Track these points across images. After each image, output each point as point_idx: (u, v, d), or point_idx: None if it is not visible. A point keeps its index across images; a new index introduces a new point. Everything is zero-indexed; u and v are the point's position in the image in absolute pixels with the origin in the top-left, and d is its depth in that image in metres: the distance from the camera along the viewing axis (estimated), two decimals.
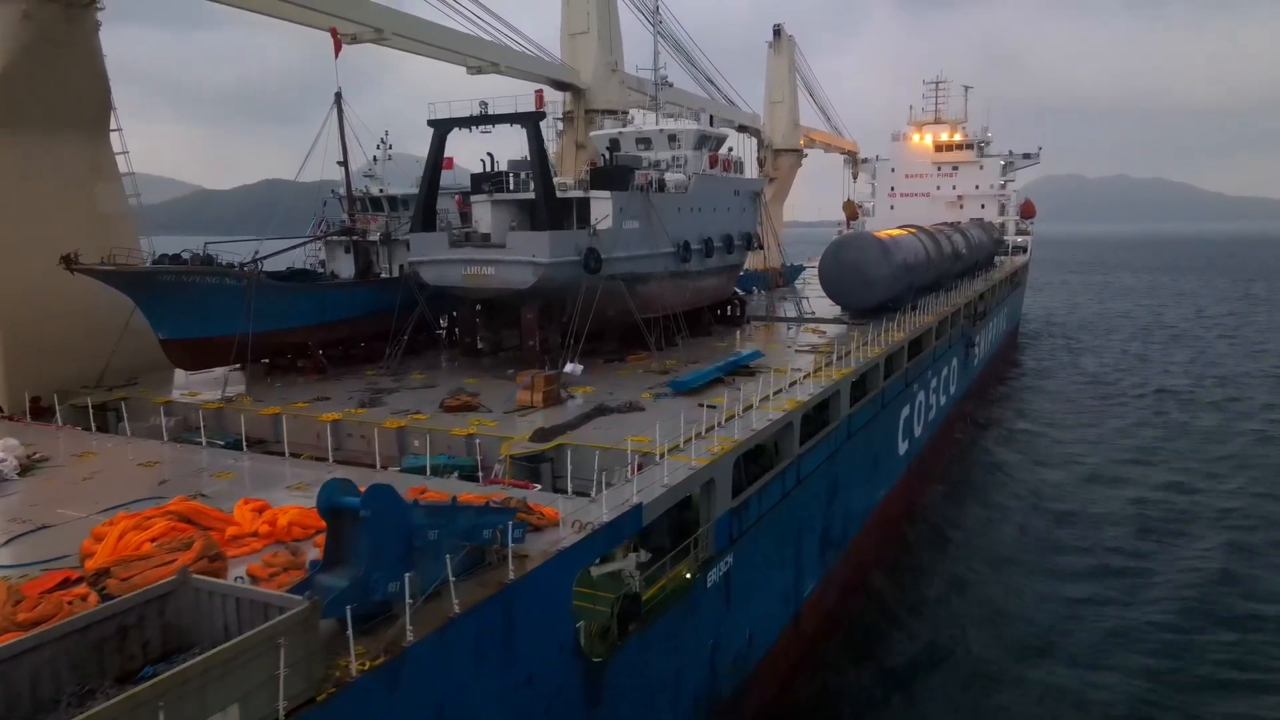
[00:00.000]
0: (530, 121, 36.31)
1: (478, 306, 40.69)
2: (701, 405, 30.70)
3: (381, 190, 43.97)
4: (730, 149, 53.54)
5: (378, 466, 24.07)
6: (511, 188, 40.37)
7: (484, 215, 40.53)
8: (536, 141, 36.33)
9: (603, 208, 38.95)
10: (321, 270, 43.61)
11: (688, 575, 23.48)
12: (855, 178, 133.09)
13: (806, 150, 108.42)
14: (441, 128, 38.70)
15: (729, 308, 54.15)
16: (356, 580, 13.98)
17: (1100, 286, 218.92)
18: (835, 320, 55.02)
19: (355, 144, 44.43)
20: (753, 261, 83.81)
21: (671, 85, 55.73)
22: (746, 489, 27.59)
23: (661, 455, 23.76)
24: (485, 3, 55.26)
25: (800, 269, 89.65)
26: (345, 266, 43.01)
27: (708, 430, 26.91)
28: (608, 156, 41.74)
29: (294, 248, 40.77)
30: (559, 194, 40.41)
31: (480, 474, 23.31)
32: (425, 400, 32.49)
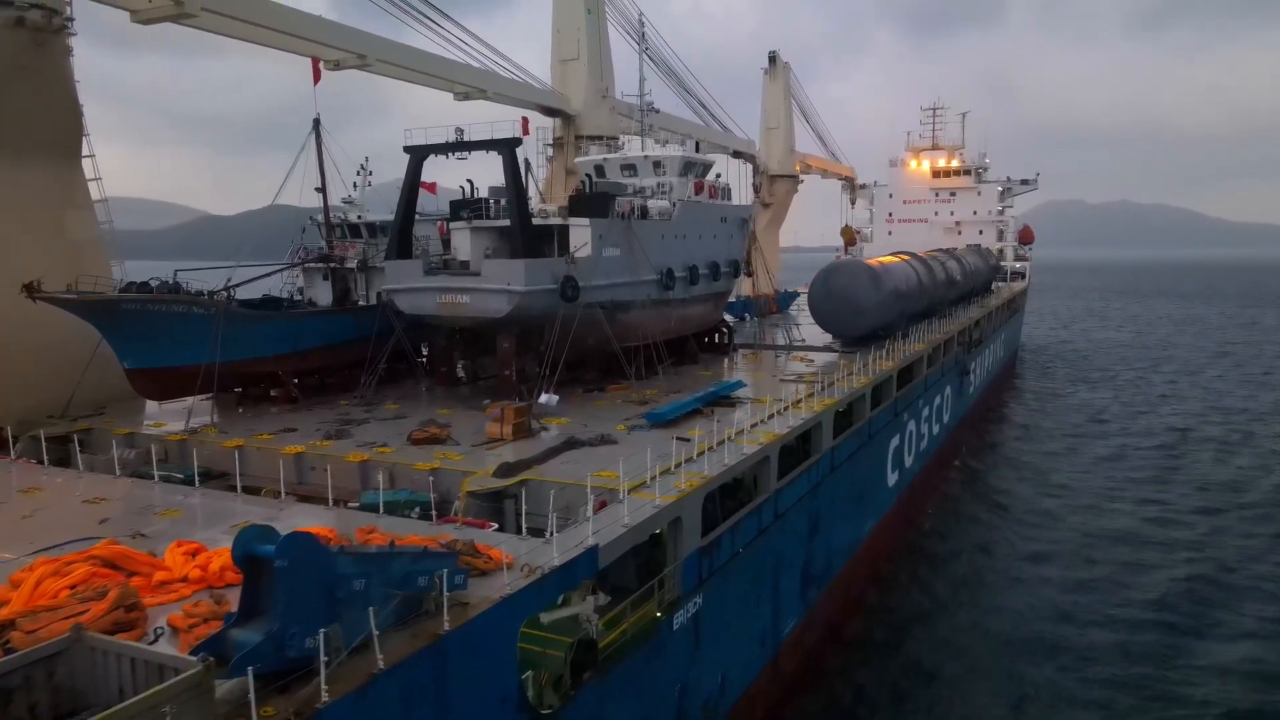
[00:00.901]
0: (506, 148, 35.78)
1: (456, 334, 39.96)
2: (676, 438, 29.89)
3: (359, 217, 43.43)
4: (719, 175, 53.04)
5: (330, 503, 23.21)
6: (491, 214, 39.76)
7: (463, 242, 39.90)
8: (512, 168, 35.76)
9: (582, 235, 38.32)
10: (300, 297, 42.98)
11: (654, 617, 22.57)
12: (853, 203, 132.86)
13: (803, 176, 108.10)
14: (417, 154, 38.18)
15: (717, 336, 53.44)
16: (270, 635, 13.11)
17: (1103, 313, 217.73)
18: (825, 348, 54.23)
19: (337, 170, 44.03)
20: (747, 288, 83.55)
21: (658, 111, 55.33)
22: (721, 525, 26.75)
23: (627, 492, 22.96)
24: (476, 29, 55.37)
25: (795, 295, 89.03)
26: (323, 294, 42.38)
27: (678, 465, 26.06)
28: (588, 183, 41.12)
29: (268, 275, 40.14)
30: (542, 221, 39.93)
31: (434, 512, 22.41)
32: (395, 432, 31.71)
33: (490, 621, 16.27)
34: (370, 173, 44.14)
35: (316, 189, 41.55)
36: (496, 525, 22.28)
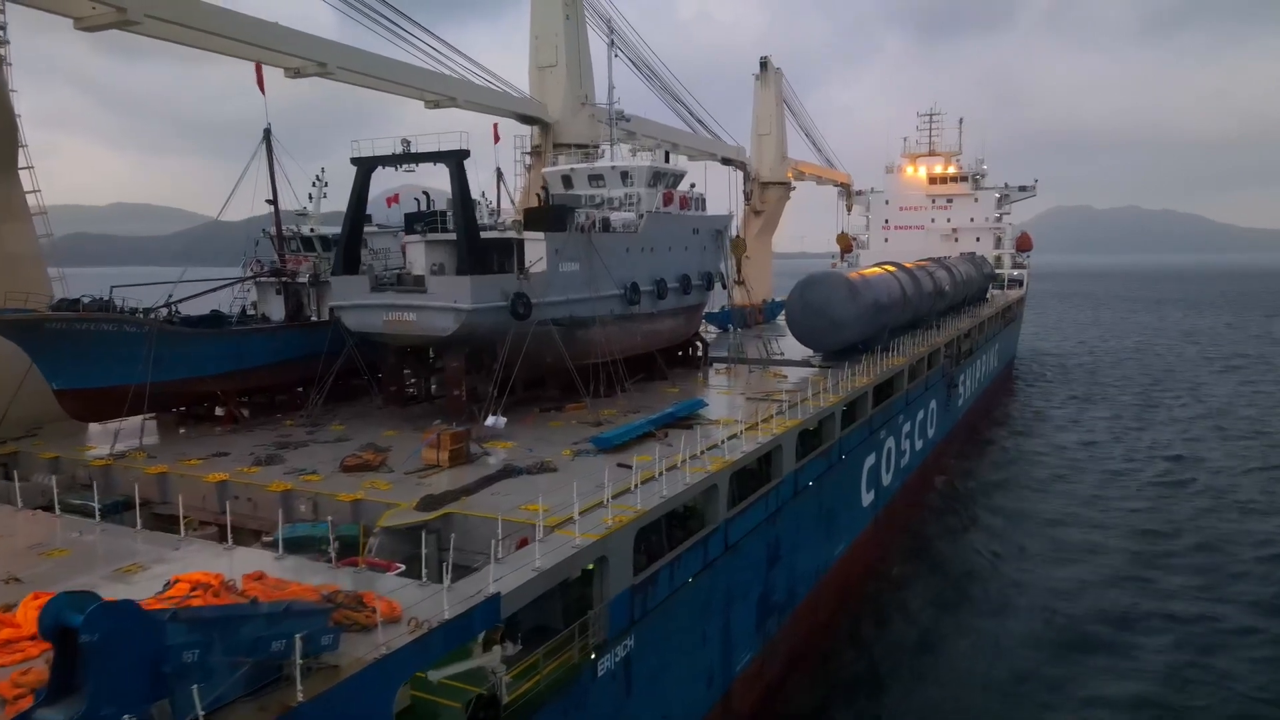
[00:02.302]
0: (453, 160, 34.42)
1: (406, 353, 38.63)
2: (619, 465, 28.50)
3: (312, 230, 42.14)
4: (693, 185, 51.63)
5: (229, 541, 21.81)
6: (448, 227, 38.44)
7: (418, 256, 38.54)
8: (459, 181, 34.40)
9: (537, 250, 36.97)
10: (253, 312, 41.71)
11: (574, 664, 21.12)
12: (849, 210, 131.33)
13: (795, 183, 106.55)
14: (364, 166, 36.86)
15: (689, 350, 52.02)
16: (78, 717, 11.75)
17: (1107, 321, 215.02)
18: (803, 363, 52.75)
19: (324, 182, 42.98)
20: (740, 297, 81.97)
21: (628, 119, 53.90)
22: (661, 559, 25.33)
23: (543, 530, 21.61)
24: (455, 39, 54.07)
25: (782, 305, 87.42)
26: (276, 309, 41.08)
27: (614, 496, 24.61)
28: (543, 195, 39.76)
29: (215, 290, 38.85)
30: (499, 235, 38.60)
31: (333, 553, 20.99)
32: (332, 456, 30.36)
33: (358, 687, 14.87)
34: (326, 184, 42.86)
35: (268, 201, 40.27)
36: (403, 566, 20.87)
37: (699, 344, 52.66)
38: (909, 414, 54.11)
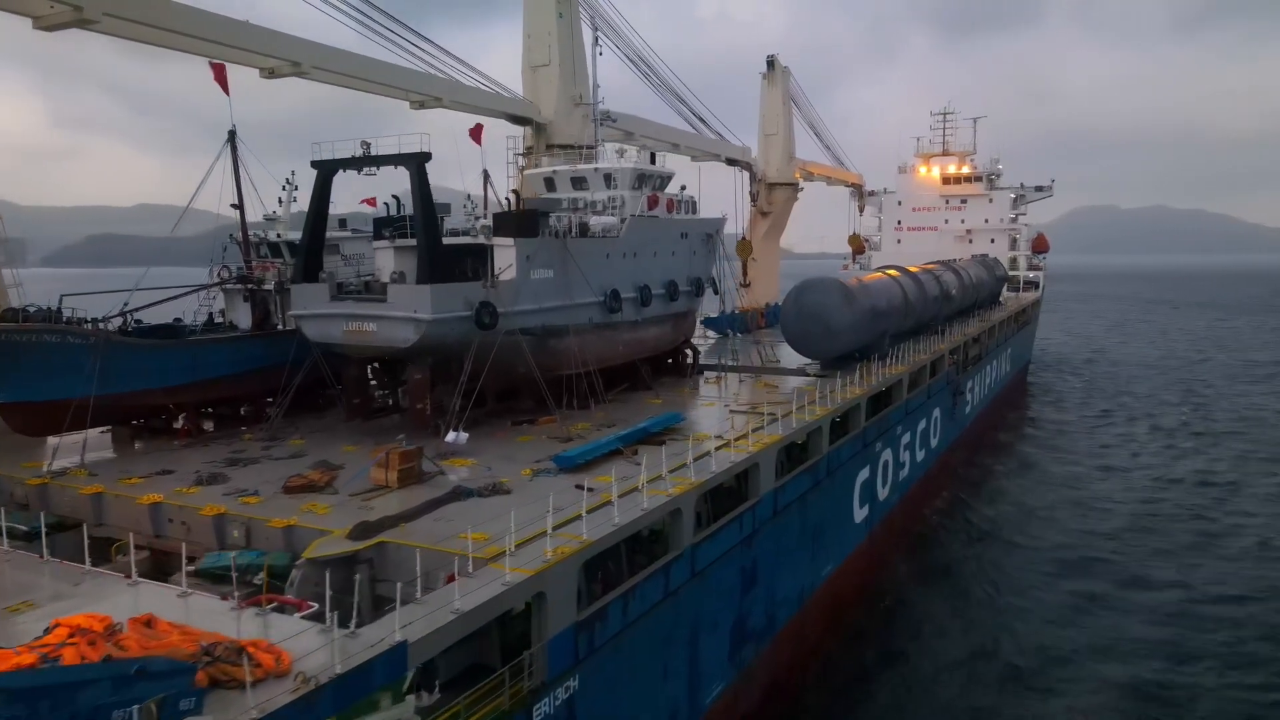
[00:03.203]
0: (413, 163, 32.86)
1: (370, 364, 37.15)
2: (576, 486, 26.81)
3: (279, 235, 40.74)
4: (683, 187, 49.87)
5: (134, 575, 20.25)
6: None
7: (386, 262, 37.13)
8: (421, 185, 32.85)
9: (506, 256, 35.36)
10: (222, 320, 40.38)
11: (504, 711, 19.45)
12: (861, 211, 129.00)
13: (804, 184, 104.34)
14: (325, 169, 35.40)
15: (679, 358, 50.22)
16: None
17: (1130, 325, 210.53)
18: (797, 371, 50.86)
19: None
20: (748, 299, 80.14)
21: (614, 120, 52.25)
22: (615, 590, 23.65)
23: (487, 560, 20.03)
24: (437, 38, 52.58)
25: None
26: (244, 316, 39.71)
27: (559, 526, 22.94)
28: (512, 200, 38.16)
29: (175, 298, 37.46)
30: (472, 240, 37.04)
31: (234, 591, 19.43)
32: (283, 474, 28.80)
33: None
34: (296, 187, 41.48)
35: (233, 205, 38.91)
36: (315, 606, 19.26)
37: (689, 352, 50.87)
38: (909, 424, 52.09)
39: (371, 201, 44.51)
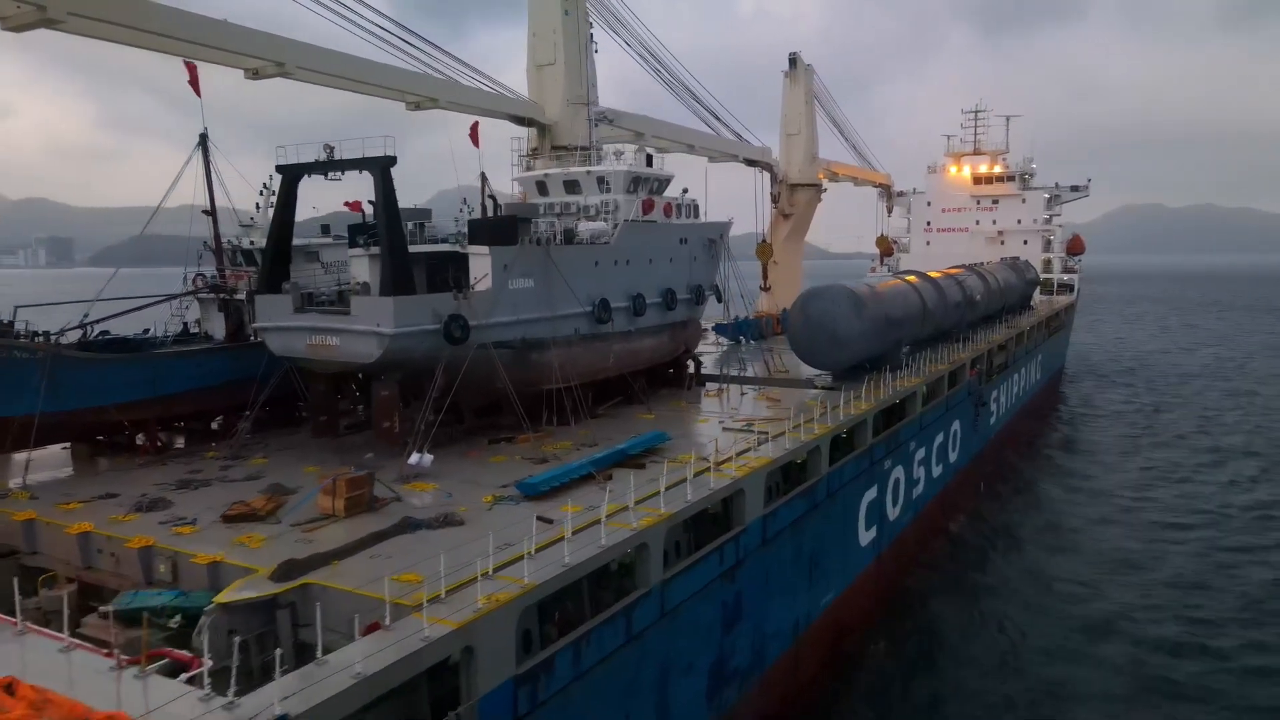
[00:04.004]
0: (377, 167, 31.03)
1: (337, 379, 35.40)
2: (542, 518, 24.78)
3: (252, 242, 39.18)
4: (685, 190, 47.70)
5: (19, 623, 18.46)
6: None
7: (361, 270, 35.33)
8: (385, 190, 31.00)
9: (482, 265, 33.44)
10: (197, 330, 38.95)
11: None
12: (889, 212, 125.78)
13: (827, 185, 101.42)
14: (289, 174, 33.73)
15: (680, 370, 48.00)
16: None
17: (1176, 329, 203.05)
18: (805, 383, 48.37)
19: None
20: (765, 305, 77.63)
21: (611, 121, 50.22)
22: (564, 638, 21.58)
23: (419, 607, 18.17)
24: (473, 38, 50.80)
25: None
26: (219, 327, 38.25)
27: (502, 567, 20.93)
28: (491, 205, 36.21)
29: (141, 308, 36.02)
30: (450, 248, 35.23)
31: (117, 651, 17.56)
32: (232, 498, 27.12)
33: None
34: (274, 193, 39.81)
35: (205, 211, 37.42)
36: (210, 662, 17.33)
37: (691, 362, 48.65)
38: (924, 439, 49.42)
39: (355, 206, 42.88)
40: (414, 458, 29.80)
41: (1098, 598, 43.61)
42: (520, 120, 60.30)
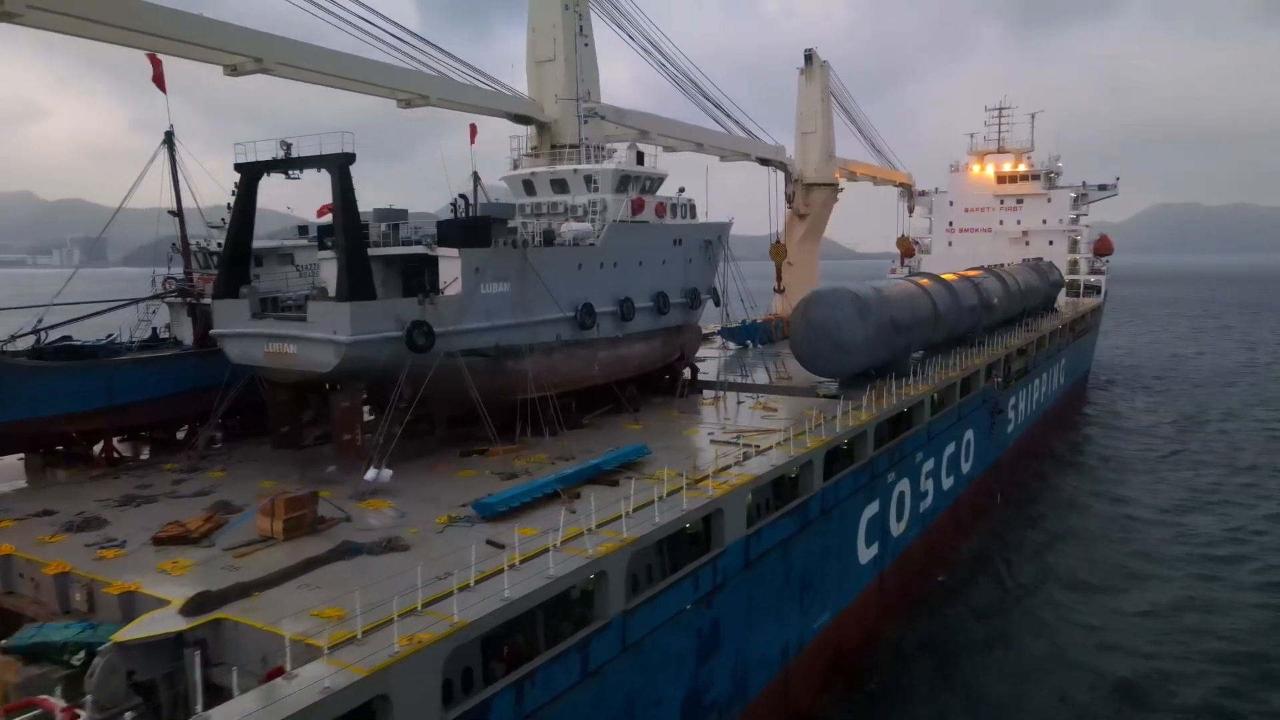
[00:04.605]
0: (335, 165, 29.31)
1: (298, 388, 33.73)
2: (491, 543, 22.94)
3: (219, 244, 37.66)
4: (682, 189, 45.67)
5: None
6: (372, 240, 33.47)
7: (330, 274, 33.67)
8: (344, 188, 29.26)
9: (451, 269, 31.65)
10: (166, 335, 37.52)
11: None
12: (910, 212, 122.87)
13: (845, 184, 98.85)
14: (249, 172, 32.11)
15: (675, 376, 45.95)
16: None
17: (1211, 332, 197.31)
18: (807, 391, 46.14)
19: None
20: (779, 307, 75.16)
21: (602, 118, 48.21)
22: (505, 677, 19.71)
23: (333, 648, 16.42)
24: (497, 36, 49.47)
25: None
26: (188, 332, 36.77)
27: (431, 602, 19.06)
28: (463, 204, 34.39)
29: (100, 313, 34.58)
30: (425, 250, 33.46)
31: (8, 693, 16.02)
32: (174, 516, 25.51)
33: None
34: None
35: (171, 212, 35.96)
36: (61, 705, 15.67)
37: (687, 369, 46.58)
38: (933, 449, 47.06)
39: (324, 210, 41.31)
40: (370, 474, 28.05)
41: (1123, 649, 38.53)
42: (519, 119, 58.58)
